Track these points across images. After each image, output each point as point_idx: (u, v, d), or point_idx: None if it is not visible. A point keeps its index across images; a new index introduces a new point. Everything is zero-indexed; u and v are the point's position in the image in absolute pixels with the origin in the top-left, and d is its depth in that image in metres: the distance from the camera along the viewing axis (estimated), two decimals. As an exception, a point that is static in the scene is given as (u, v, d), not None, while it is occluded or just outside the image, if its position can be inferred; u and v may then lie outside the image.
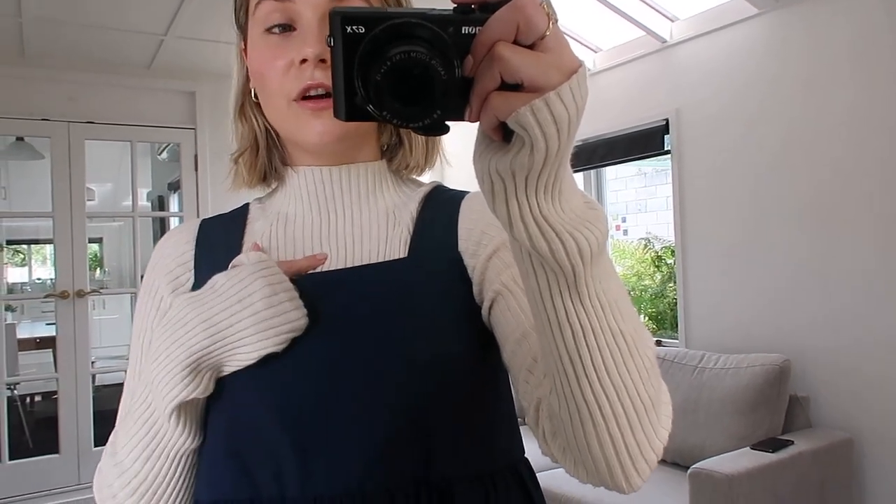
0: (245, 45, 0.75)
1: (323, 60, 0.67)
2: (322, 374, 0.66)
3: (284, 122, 0.72)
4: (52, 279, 4.29)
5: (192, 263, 0.76)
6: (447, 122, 0.43)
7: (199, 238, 0.78)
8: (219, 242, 0.77)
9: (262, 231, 0.77)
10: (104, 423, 4.16)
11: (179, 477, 0.70)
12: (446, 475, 0.66)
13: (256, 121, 0.77)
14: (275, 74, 0.69)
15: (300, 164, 0.76)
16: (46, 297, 4.01)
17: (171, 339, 0.65)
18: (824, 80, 2.69)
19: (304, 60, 0.67)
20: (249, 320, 0.63)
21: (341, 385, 0.65)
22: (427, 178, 0.82)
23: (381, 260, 0.72)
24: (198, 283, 0.74)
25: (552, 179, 0.45)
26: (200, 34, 3.45)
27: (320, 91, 0.68)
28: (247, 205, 0.82)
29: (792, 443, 2.50)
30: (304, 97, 0.68)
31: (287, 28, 0.69)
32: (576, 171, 3.87)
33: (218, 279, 0.67)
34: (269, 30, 0.69)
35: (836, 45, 2.65)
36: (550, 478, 2.63)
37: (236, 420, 0.67)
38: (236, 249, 0.75)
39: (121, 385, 0.78)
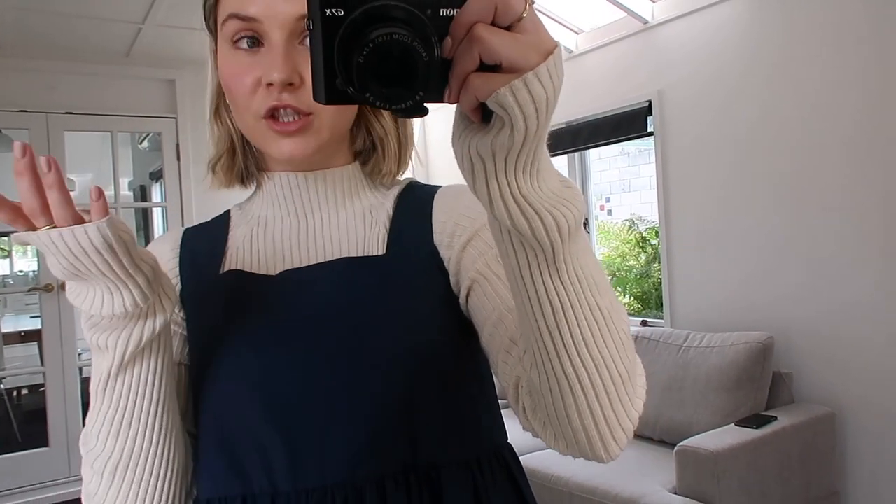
0: (216, 48, 0.74)
1: (290, 84, 0.66)
2: (306, 367, 0.67)
3: (254, 138, 0.72)
4: (34, 272, 4.24)
5: (178, 270, 0.77)
6: (426, 105, 0.43)
7: (183, 247, 0.79)
8: (202, 250, 0.79)
9: (244, 236, 0.78)
10: (92, 415, 4.14)
11: (158, 446, 0.66)
12: (433, 461, 0.68)
13: (232, 123, 0.77)
14: (242, 91, 0.68)
15: (274, 170, 0.77)
16: (30, 290, 3.98)
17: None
18: (806, 59, 2.71)
19: (270, 84, 0.66)
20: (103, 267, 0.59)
21: (325, 377, 0.67)
22: (409, 171, 0.83)
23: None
24: (184, 291, 0.76)
25: (531, 159, 0.46)
26: (179, 21, 3.41)
27: (288, 112, 0.67)
28: (228, 211, 0.83)
29: (775, 418, 2.54)
30: (273, 116, 0.68)
31: (255, 43, 0.67)
32: (560, 154, 3.89)
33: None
34: (235, 44, 0.68)
35: (817, 24, 2.67)
36: (538, 459, 2.66)
37: (224, 418, 0.68)
38: (220, 257, 0.77)
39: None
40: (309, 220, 0.76)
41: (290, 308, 0.70)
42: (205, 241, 0.80)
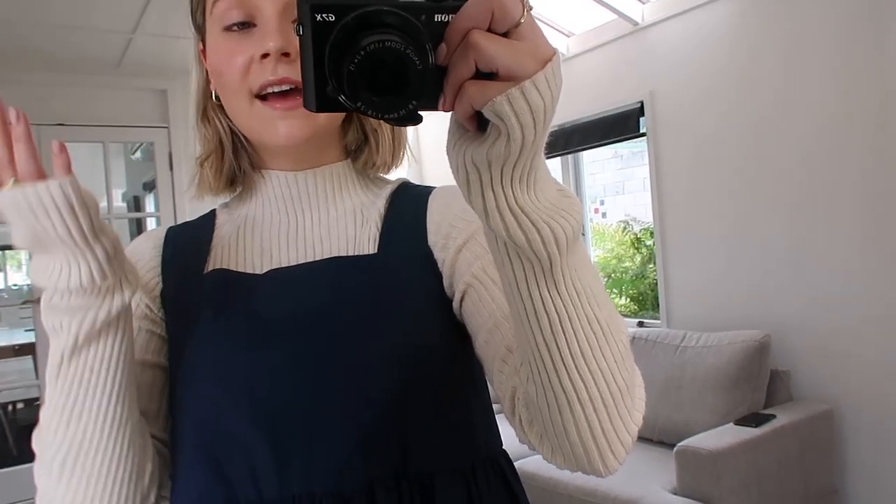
0: (203, 45, 0.73)
1: (286, 54, 0.65)
2: (294, 370, 0.65)
3: (248, 123, 0.70)
4: (28, 285, 4.22)
5: (159, 269, 0.75)
6: (420, 112, 0.42)
7: (166, 245, 0.77)
8: (186, 249, 0.76)
9: (230, 234, 0.76)
10: (89, 428, 4.12)
11: (110, 440, 0.61)
12: (426, 468, 0.66)
13: (220, 123, 0.75)
14: (235, 72, 0.67)
15: (268, 168, 0.76)
16: (24, 303, 3.95)
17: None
18: (801, 60, 2.72)
19: (265, 55, 0.65)
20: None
21: (314, 381, 0.65)
22: (403, 173, 0.82)
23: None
24: (166, 290, 0.74)
25: (527, 169, 0.45)
26: (170, 31, 3.40)
27: (284, 87, 0.66)
28: (213, 211, 0.81)
29: (774, 417, 2.54)
30: (268, 95, 0.67)
31: (246, 25, 0.67)
32: (553, 157, 3.89)
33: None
34: (227, 28, 0.67)
35: (815, 24, 2.67)
36: (535, 463, 2.65)
37: (208, 422, 0.66)
38: (205, 255, 0.75)
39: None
40: (298, 219, 0.74)
41: (277, 308, 0.67)
42: (189, 240, 0.77)
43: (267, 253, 0.73)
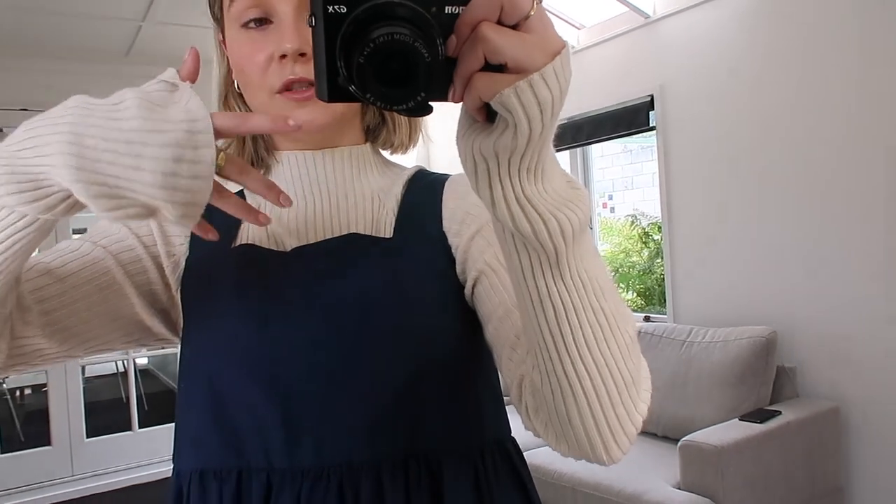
0: (223, 35, 0.74)
1: (303, 54, 0.66)
2: (310, 348, 0.67)
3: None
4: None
5: (190, 235, 0.76)
6: (430, 103, 0.43)
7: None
8: (218, 220, 0.75)
9: None
10: (95, 414, 4.16)
11: None
12: (434, 449, 0.68)
13: (240, 110, 0.76)
14: (255, 69, 0.69)
15: (283, 149, 0.77)
16: (32, 289, 3.97)
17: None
18: (816, 54, 2.69)
19: (283, 56, 0.67)
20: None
21: (330, 361, 0.67)
22: (413, 159, 0.83)
23: None
24: (192, 257, 0.75)
25: (535, 161, 0.45)
26: (179, 19, 3.40)
27: (303, 84, 0.67)
28: (242, 190, 0.82)
29: (779, 413, 2.53)
30: (288, 90, 0.68)
31: (263, 21, 0.68)
32: (562, 150, 3.88)
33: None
34: (245, 25, 0.69)
35: (831, 18, 2.64)
36: (541, 455, 2.66)
37: (224, 391, 0.68)
38: (234, 231, 0.76)
39: (111, 375, 0.77)
40: (316, 201, 0.75)
41: (299, 287, 0.70)
42: (221, 215, 0.78)
43: (285, 235, 0.74)
